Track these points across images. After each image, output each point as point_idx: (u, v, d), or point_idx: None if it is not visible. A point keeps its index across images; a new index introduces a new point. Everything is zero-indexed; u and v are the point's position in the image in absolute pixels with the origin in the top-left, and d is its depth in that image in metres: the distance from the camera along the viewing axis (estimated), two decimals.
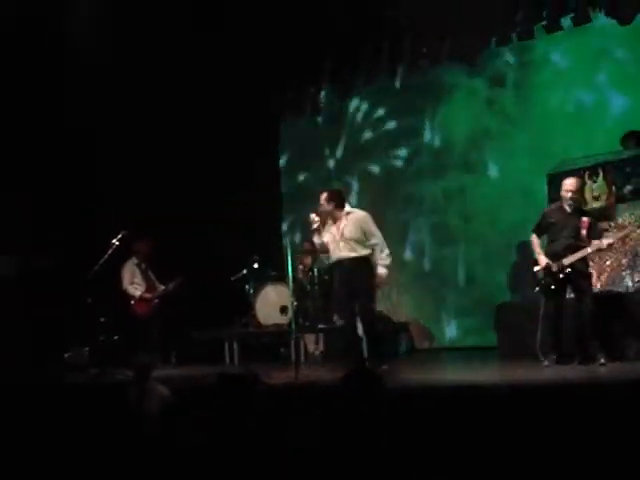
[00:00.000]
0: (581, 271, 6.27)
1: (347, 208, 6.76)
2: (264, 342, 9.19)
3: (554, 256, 6.34)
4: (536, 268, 6.43)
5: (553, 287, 6.30)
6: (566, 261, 6.24)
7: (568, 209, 6.43)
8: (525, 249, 7.44)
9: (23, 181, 8.78)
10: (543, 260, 6.38)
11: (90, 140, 9.15)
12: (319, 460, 3.37)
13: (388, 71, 9.51)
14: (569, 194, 6.39)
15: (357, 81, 9.82)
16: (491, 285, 8.91)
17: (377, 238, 6.63)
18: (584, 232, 6.28)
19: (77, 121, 8.97)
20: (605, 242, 6.26)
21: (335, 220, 6.68)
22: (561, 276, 6.25)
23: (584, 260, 6.32)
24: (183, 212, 9.54)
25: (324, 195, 6.71)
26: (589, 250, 6.24)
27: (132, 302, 8.58)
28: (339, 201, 6.70)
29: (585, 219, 6.35)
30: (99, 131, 9.15)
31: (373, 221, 6.72)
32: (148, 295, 8.58)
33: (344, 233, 6.59)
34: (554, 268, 6.27)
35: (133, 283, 8.60)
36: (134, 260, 8.66)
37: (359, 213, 6.78)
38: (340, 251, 6.61)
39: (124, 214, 8.73)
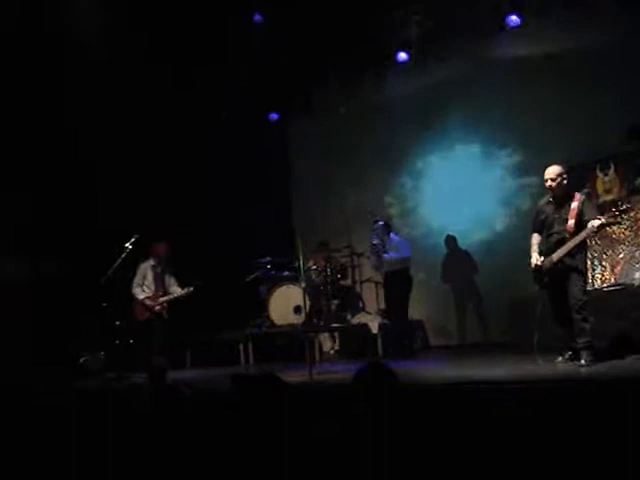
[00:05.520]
0: (570, 266, 5.95)
1: None
2: (279, 342, 9.22)
3: (548, 252, 6.11)
4: (531, 266, 6.23)
5: (548, 283, 6.10)
6: (555, 256, 6.01)
7: (552, 200, 6.15)
8: None
9: (35, 184, 8.80)
10: (534, 258, 6.19)
11: (105, 145, 9.08)
12: (336, 457, 3.38)
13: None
14: (547, 183, 6.06)
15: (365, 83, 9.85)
16: (509, 281, 8.84)
17: None
18: (572, 223, 5.93)
19: (89, 125, 8.95)
20: (597, 223, 5.74)
21: None
22: (553, 272, 6.02)
23: (576, 254, 5.95)
24: (197, 215, 9.59)
25: None
26: (571, 245, 5.90)
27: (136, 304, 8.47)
28: None
29: (574, 207, 5.97)
30: (114, 135, 9.11)
31: None
32: (149, 301, 8.38)
33: None
34: (546, 265, 6.06)
35: (143, 285, 8.47)
36: (150, 262, 8.52)
37: None
38: None
39: (139, 217, 8.67)
